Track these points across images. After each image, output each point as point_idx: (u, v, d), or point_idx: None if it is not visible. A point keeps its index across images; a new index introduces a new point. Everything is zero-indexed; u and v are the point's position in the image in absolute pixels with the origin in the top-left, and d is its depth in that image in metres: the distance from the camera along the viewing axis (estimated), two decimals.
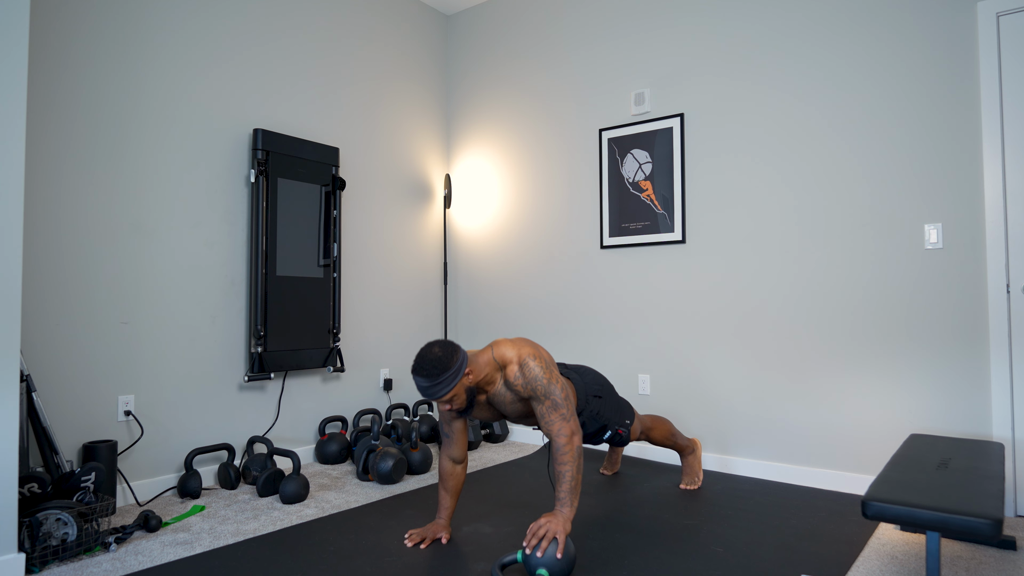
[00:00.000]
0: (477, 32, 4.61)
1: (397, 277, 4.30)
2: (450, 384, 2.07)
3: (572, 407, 2.23)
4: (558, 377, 2.25)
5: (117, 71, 2.94)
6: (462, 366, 2.10)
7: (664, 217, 3.65)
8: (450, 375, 2.07)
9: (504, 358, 2.24)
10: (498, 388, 2.27)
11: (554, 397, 2.20)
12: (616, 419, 2.70)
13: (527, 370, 2.21)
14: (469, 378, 2.15)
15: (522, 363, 2.21)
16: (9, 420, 2.09)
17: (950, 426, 2.82)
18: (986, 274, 2.76)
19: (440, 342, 2.14)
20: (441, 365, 2.06)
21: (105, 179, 2.89)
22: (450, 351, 2.10)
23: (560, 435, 2.17)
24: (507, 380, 2.24)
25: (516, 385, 2.23)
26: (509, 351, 2.24)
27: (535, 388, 2.20)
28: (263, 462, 3.18)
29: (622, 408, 2.77)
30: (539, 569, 1.98)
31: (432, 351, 2.09)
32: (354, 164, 4.02)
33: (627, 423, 2.75)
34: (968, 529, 1.65)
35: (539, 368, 2.20)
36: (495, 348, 2.26)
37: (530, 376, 2.20)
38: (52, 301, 2.71)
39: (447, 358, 2.08)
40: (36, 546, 2.17)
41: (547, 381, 2.20)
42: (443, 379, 2.06)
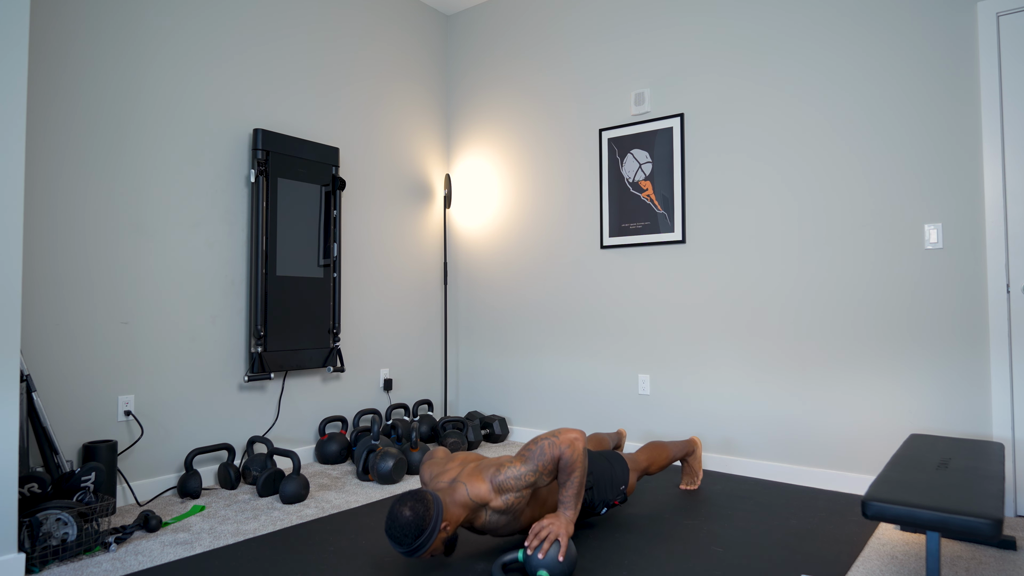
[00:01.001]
0: (477, 32, 4.61)
1: (397, 277, 4.30)
2: (426, 546, 1.95)
3: (550, 434, 2.15)
4: (524, 451, 2.13)
5: (117, 71, 2.94)
6: (436, 523, 1.96)
7: (664, 217, 3.65)
8: (424, 538, 1.94)
9: (481, 496, 2.07)
10: (488, 519, 2.13)
11: (536, 455, 2.10)
12: (611, 493, 2.55)
13: (508, 484, 2.07)
14: (447, 531, 2.01)
15: (500, 487, 2.06)
16: (9, 420, 2.09)
17: (950, 426, 2.82)
18: (986, 274, 2.76)
19: (410, 501, 1.97)
20: (415, 530, 1.93)
21: (105, 179, 2.89)
22: (421, 511, 1.94)
23: (564, 452, 2.11)
24: (496, 511, 2.10)
25: (511, 504, 2.09)
26: (481, 485, 2.07)
27: (526, 479, 2.08)
28: (263, 462, 3.18)
29: (615, 477, 2.58)
30: (540, 570, 1.98)
31: (403, 515, 1.94)
32: (354, 164, 4.02)
33: (622, 489, 2.59)
34: (968, 529, 1.65)
35: (515, 471, 2.08)
36: (468, 485, 2.08)
37: (518, 484, 2.07)
38: (52, 301, 2.71)
39: (419, 520, 1.93)
40: (36, 546, 2.17)
41: (524, 463, 2.09)
42: (418, 543, 1.94)
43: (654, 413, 3.66)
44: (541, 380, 4.16)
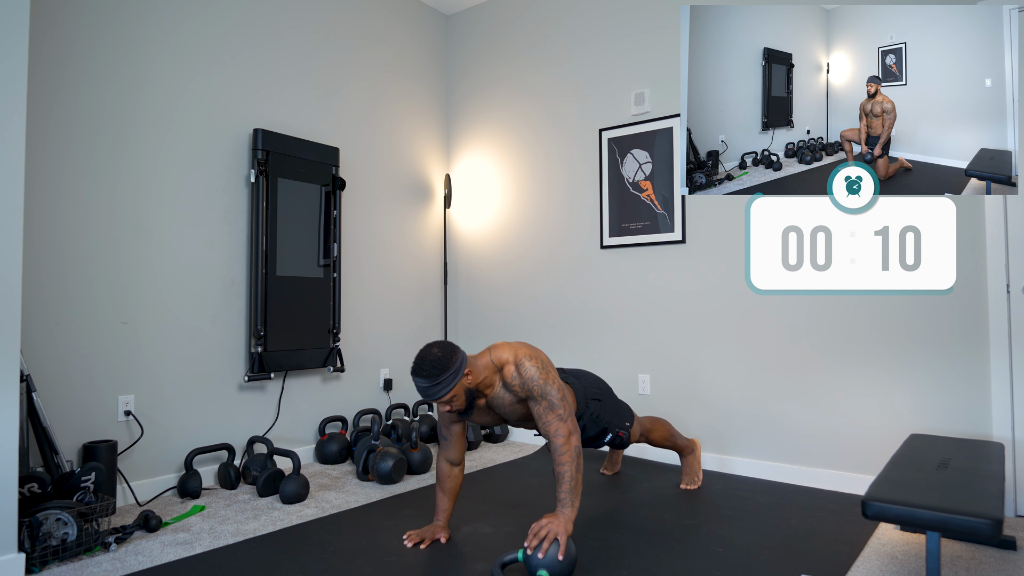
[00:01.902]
0: (477, 32, 4.60)
1: (397, 277, 4.30)
2: (450, 384, 2.08)
3: (569, 408, 2.23)
4: (555, 379, 2.25)
5: (117, 71, 2.94)
6: (461, 366, 2.11)
7: (664, 217, 3.65)
8: (449, 375, 2.07)
9: (501, 360, 2.24)
10: (497, 390, 2.28)
11: (550, 398, 2.20)
12: (616, 422, 2.70)
13: (523, 370, 2.21)
14: (468, 379, 2.16)
15: (518, 363, 2.22)
16: (9, 420, 2.09)
17: (950, 426, 2.82)
18: (986, 274, 2.76)
19: (439, 343, 2.15)
20: (441, 366, 2.07)
21: (105, 179, 2.89)
22: (449, 352, 2.10)
23: (557, 435, 2.16)
24: (505, 381, 2.25)
25: (513, 385, 2.23)
26: (506, 353, 2.25)
27: (531, 388, 2.21)
28: (263, 462, 3.18)
29: (621, 411, 2.76)
30: (540, 570, 1.98)
31: (431, 352, 2.10)
32: (354, 164, 4.02)
33: (627, 425, 2.74)
34: (968, 529, 1.65)
35: (535, 369, 2.21)
36: (493, 351, 2.27)
37: (527, 376, 2.21)
38: (52, 301, 2.71)
39: (446, 359, 2.08)
40: (36, 546, 2.17)
41: (543, 381, 2.21)
42: (443, 379, 2.07)
43: (654, 413, 3.65)
44: None
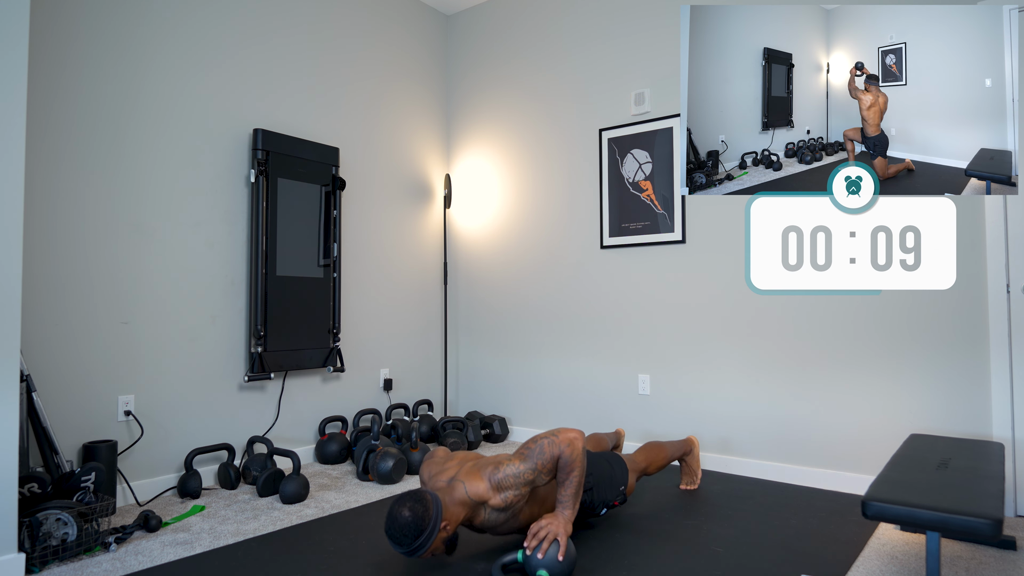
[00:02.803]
0: (477, 32, 4.60)
1: (397, 277, 4.30)
2: (425, 546, 1.95)
3: (550, 433, 2.15)
4: (524, 451, 2.13)
5: (116, 71, 2.94)
6: (436, 522, 1.96)
7: (664, 217, 3.65)
8: (424, 537, 1.94)
9: (480, 495, 2.07)
10: (486, 517, 2.13)
11: (536, 453, 2.10)
12: (611, 494, 2.52)
13: (508, 481, 2.06)
14: (447, 530, 2.01)
15: (498, 485, 2.06)
16: (9, 420, 2.09)
17: (950, 426, 2.82)
18: (986, 274, 2.76)
19: (409, 501, 1.96)
20: (415, 529, 1.93)
21: (105, 179, 2.89)
22: (421, 510, 1.94)
23: (564, 451, 2.10)
24: (495, 509, 2.10)
25: (510, 502, 2.09)
26: (480, 485, 2.07)
27: (525, 477, 2.08)
28: (263, 462, 3.18)
29: (614, 479, 2.56)
30: (540, 570, 1.98)
31: (402, 516, 1.94)
32: (354, 164, 4.02)
33: (621, 490, 2.57)
34: (968, 529, 1.65)
35: (512, 467, 2.08)
36: (467, 484, 2.08)
37: (515, 479, 2.07)
38: (52, 301, 2.71)
39: (419, 520, 1.93)
40: (36, 546, 2.17)
41: (522, 461, 2.09)
42: (418, 543, 1.94)
43: (654, 413, 3.66)
44: (541, 380, 4.16)
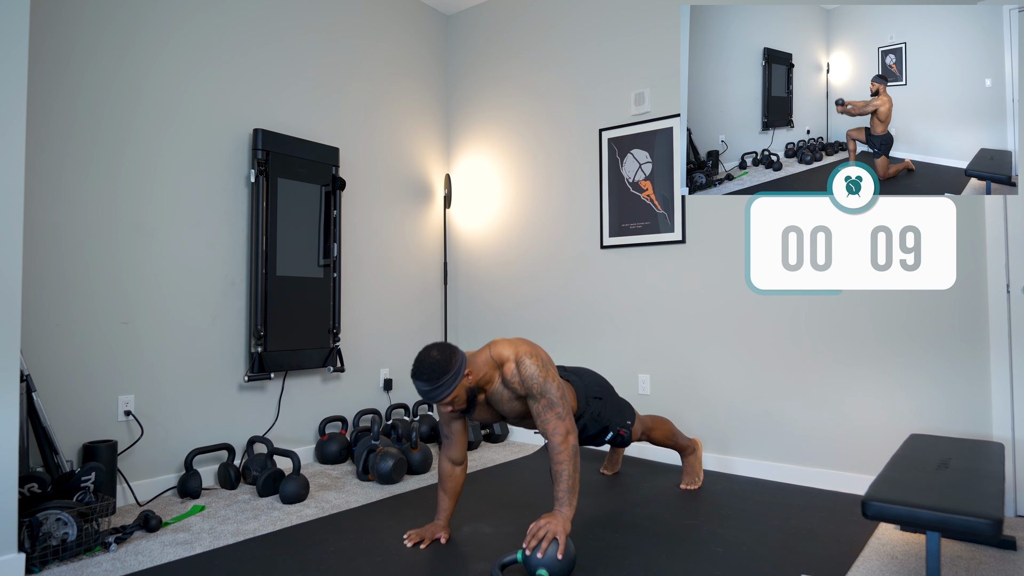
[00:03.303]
0: (477, 32, 4.60)
1: (397, 277, 4.30)
2: (450, 387, 2.08)
3: (568, 407, 2.23)
4: (555, 376, 2.25)
5: (117, 71, 2.94)
6: (461, 367, 2.11)
7: (664, 217, 3.65)
8: (450, 377, 2.08)
9: (501, 357, 2.25)
10: (496, 387, 2.28)
11: (550, 395, 2.20)
12: (617, 420, 2.70)
13: (523, 367, 2.21)
14: (469, 379, 2.16)
15: (518, 360, 2.22)
16: (9, 420, 2.09)
17: (950, 426, 2.82)
18: (986, 274, 2.76)
19: (438, 345, 2.15)
20: (440, 368, 2.07)
21: (105, 179, 2.89)
22: (448, 353, 2.11)
23: (555, 434, 2.16)
24: (504, 378, 2.25)
25: (513, 383, 2.23)
26: (506, 350, 2.25)
27: (531, 386, 2.21)
28: (263, 462, 3.18)
29: (623, 409, 2.76)
30: (539, 570, 1.98)
31: (430, 354, 2.10)
32: (354, 164, 4.02)
33: (628, 424, 2.74)
34: (968, 529, 1.65)
35: (535, 366, 2.21)
36: (493, 348, 2.28)
37: (526, 374, 2.21)
38: (52, 301, 2.71)
39: (446, 361, 2.08)
40: (36, 546, 2.17)
41: (543, 379, 2.20)
42: (443, 382, 2.07)
43: (654, 413, 3.65)
44: None
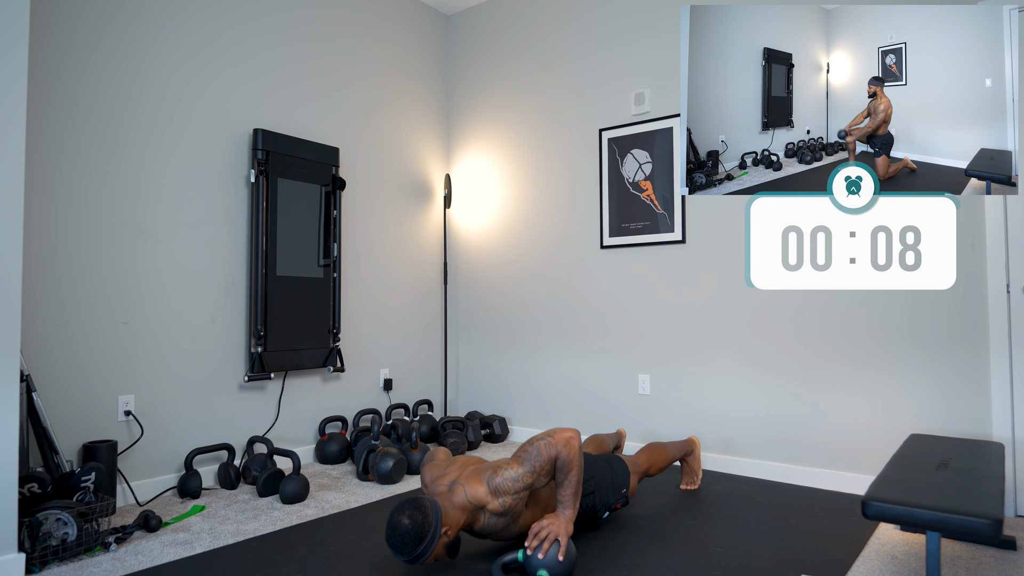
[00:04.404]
0: (477, 32, 4.60)
1: (397, 277, 4.30)
2: (427, 553, 1.94)
3: (548, 431, 2.15)
4: (522, 455, 2.12)
5: (117, 71, 2.94)
6: (436, 529, 1.94)
7: (664, 217, 3.65)
8: (426, 544, 1.93)
9: (479, 499, 2.06)
10: (485, 522, 2.12)
11: (532, 456, 2.09)
12: (613, 497, 2.52)
13: (504, 487, 2.05)
14: (448, 535, 2.00)
15: (495, 490, 2.05)
16: (9, 420, 2.09)
17: (950, 426, 2.82)
18: (986, 274, 2.76)
19: (408, 508, 1.94)
20: (415, 537, 1.91)
21: (105, 179, 2.89)
22: (420, 519, 1.92)
23: (559, 450, 2.10)
24: (494, 514, 2.09)
25: (509, 506, 2.08)
26: (479, 489, 2.06)
27: (524, 481, 2.07)
28: (263, 462, 3.18)
29: (616, 482, 2.55)
30: (540, 570, 1.98)
31: (402, 524, 1.92)
32: (354, 164, 4.01)
33: (623, 492, 2.57)
34: (968, 529, 1.65)
35: (511, 472, 2.07)
36: (466, 488, 2.07)
37: (515, 487, 2.06)
38: (52, 301, 2.71)
39: (419, 528, 1.92)
40: (36, 546, 2.17)
41: (520, 465, 2.08)
42: (419, 551, 1.93)
43: (654, 413, 3.66)
44: (541, 380, 4.16)
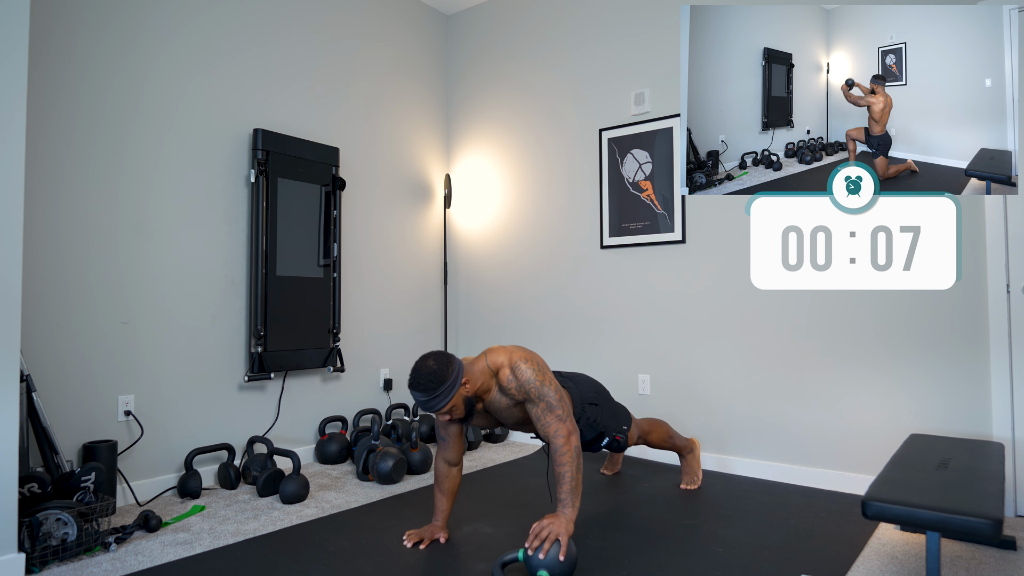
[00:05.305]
0: (477, 32, 4.60)
1: (397, 277, 4.30)
2: (448, 396, 2.07)
3: (568, 408, 2.23)
4: (552, 380, 2.24)
5: (117, 71, 2.94)
6: (458, 377, 2.10)
7: (664, 217, 3.66)
8: (447, 387, 2.06)
9: (497, 364, 2.23)
10: (494, 395, 2.27)
11: (548, 399, 2.19)
12: (613, 425, 2.68)
13: (519, 372, 2.20)
14: (466, 387, 2.15)
15: (514, 367, 2.21)
16: (9, 420, 2.09)
17: (950, 426, 2.82)
18: (986, 274, 2.76)
19: (435, 354, 2.13)
20: (437, 378, 2.05)
21: (105, 179, 2.89)
22: (445, 363, 2.09)
23: (557, 436, 2.16)
24: (501, 385, 2.24)
25: (510, 389, 2.22)
26: (501, 357, 2.24)
27: (528, 391, 2.20)
28: (263, 462, 3.18)
29: (618, 414, 2.75)
30: (540, 570, 1.98)
31: (427, 364, 2.08)
32: (354, 164, 4.02)
33: (624, 429, 2.73)
34: (968, 529, 1.65)
35: (531, 371, 2.20)
36: (488, 355, 2.26)
37: (523, 379, 2.20)
38: (52, 301, 2.71)
39: (443, 370, 2.07)
40: (36, 546, 2.17)
41: (540, 383, 2.20)
42: (440, 391, 2.06)
43: (654, 413, 3.65)
44: None
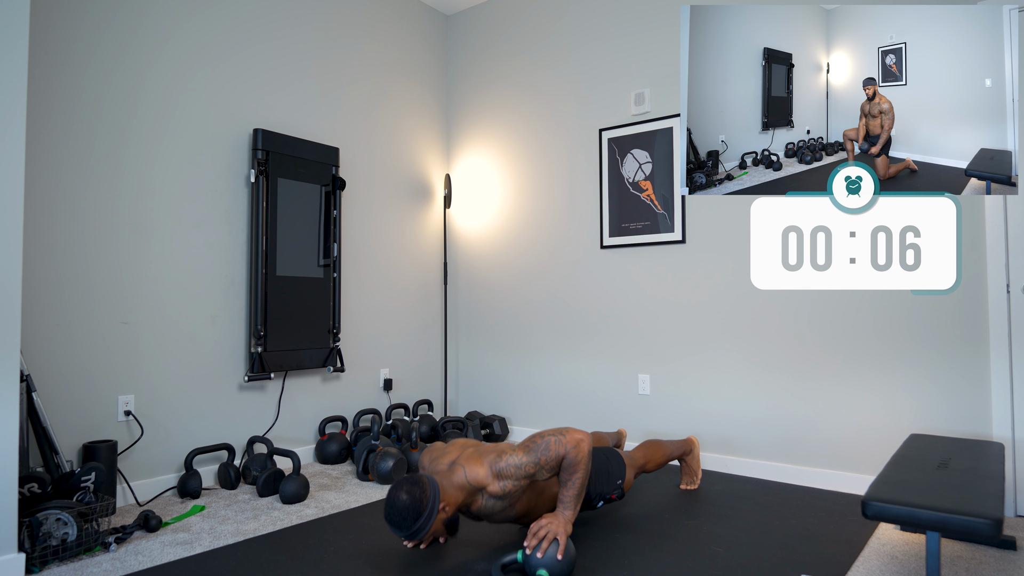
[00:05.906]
0: (477, 32, 4.60)
1: (397, 277, 4.30)
2: (426, 528, 1.96)
3: (558, 429, 2.15)
4: (530, 438, 2.14)
5: (116, 71, 2.94)
6: (435, 505, 1.97)
7: (664, 217, 3.65)
8: (423, 520, 1.95)
9: (479, 480, 2.07)
10: (483, 503, 2.12)
11: (540, 448, 2.09)
12: (607, 487, 2.52)
13: (507, 472, 2.06)
14: (445, 511, 2.02)
15: (498, 473, 2.06)
16: (9, 420, 2.09)
17: (950, 426, 2.82)
18: (986, 274, 2.76)
19: (406, 485, 1.97)
20: (413, 512, 1.94)
21: (105, 179, 2.89)
22: (418, 494, 1.95)
23: (568, 450, 2.10)
24: (493, 496, 2.10)
25: (508, 491, 2.09)
26: (480, 471, 2.07)
27: (527, 471, 2.08)
28: (263, 462, 3.18)
29: (611, 470, 2.56)
30: (539, 570, 1.98)
31: (399, 499, 1.94)
32: (354, 164, 4.02)
33: (619, 484, 2.57)
34: (968, 529, 1.65)
35: (515, 458, 2.07)
36: (466, 469, 2.08)
37: (516, 473, 2.07)
38: (52, 301, 2.71)
39: (417, 503, 1.94)
40: (36, 546, 2.17)
41: (526, 452, 2.09)
42: (418, 526, 1.95)
43: (654, 413, 3.66)
44: (541, 380, 4.16)
